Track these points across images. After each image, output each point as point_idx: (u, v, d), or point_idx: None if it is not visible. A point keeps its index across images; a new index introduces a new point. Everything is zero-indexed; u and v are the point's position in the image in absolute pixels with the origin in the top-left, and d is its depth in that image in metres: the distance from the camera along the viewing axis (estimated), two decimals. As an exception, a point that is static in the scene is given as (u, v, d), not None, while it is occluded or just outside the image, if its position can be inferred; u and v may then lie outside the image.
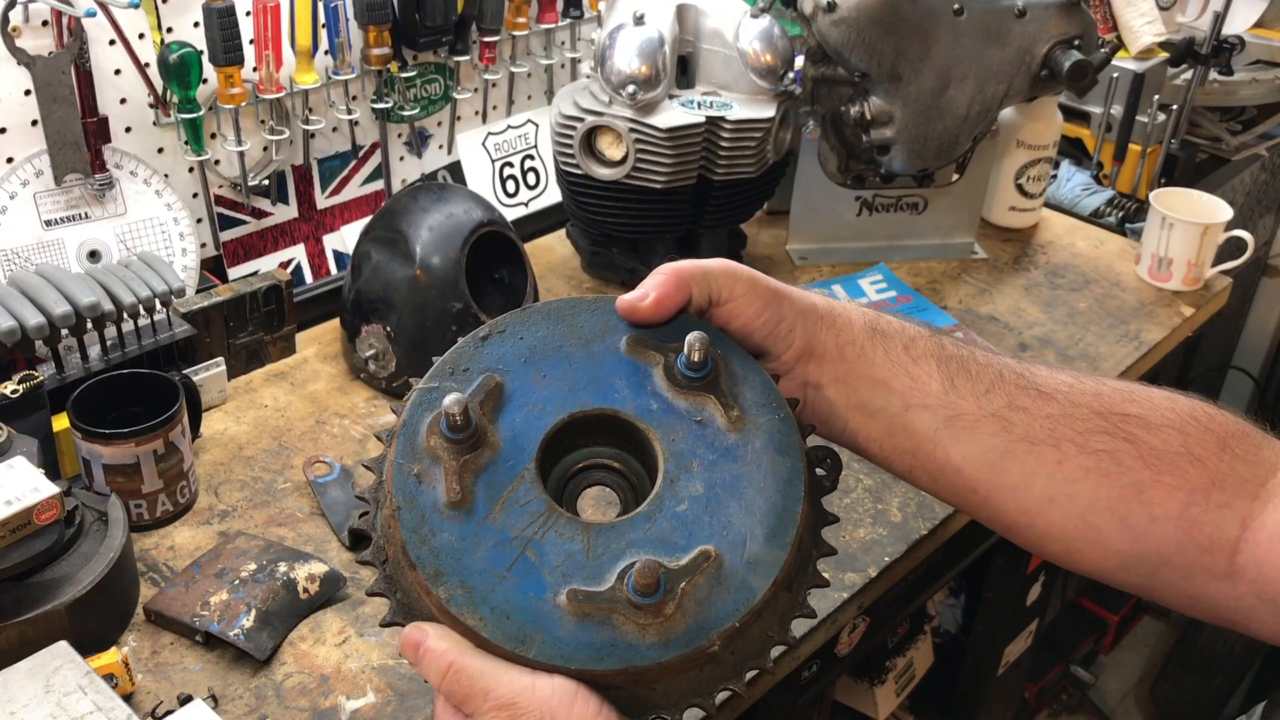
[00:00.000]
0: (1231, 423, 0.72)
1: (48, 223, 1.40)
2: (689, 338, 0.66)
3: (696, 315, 0.71)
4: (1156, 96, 2.05)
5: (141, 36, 1.42)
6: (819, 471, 0.72)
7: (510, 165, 1.87)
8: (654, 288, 0.69)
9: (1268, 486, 0.69)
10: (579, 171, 1.52)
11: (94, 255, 1.43)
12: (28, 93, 1.34)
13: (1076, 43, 1.57)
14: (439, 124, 1.80)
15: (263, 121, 1.56)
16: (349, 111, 1.62)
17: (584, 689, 0.58)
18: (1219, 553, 0.68)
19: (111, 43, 1.39)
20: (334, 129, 1.66)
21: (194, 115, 1.44)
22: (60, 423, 1.18)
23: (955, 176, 1.75)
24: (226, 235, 1.60)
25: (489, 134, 1.85)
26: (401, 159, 1.78)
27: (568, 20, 1.85)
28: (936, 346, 0.75)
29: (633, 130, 1.46)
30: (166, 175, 1.48)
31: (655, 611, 0.60)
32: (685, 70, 1.54)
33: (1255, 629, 0.70)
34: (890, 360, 0.74)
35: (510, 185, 1.87)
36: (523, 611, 0.60)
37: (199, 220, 1.55)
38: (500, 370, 0.67)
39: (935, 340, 0.75)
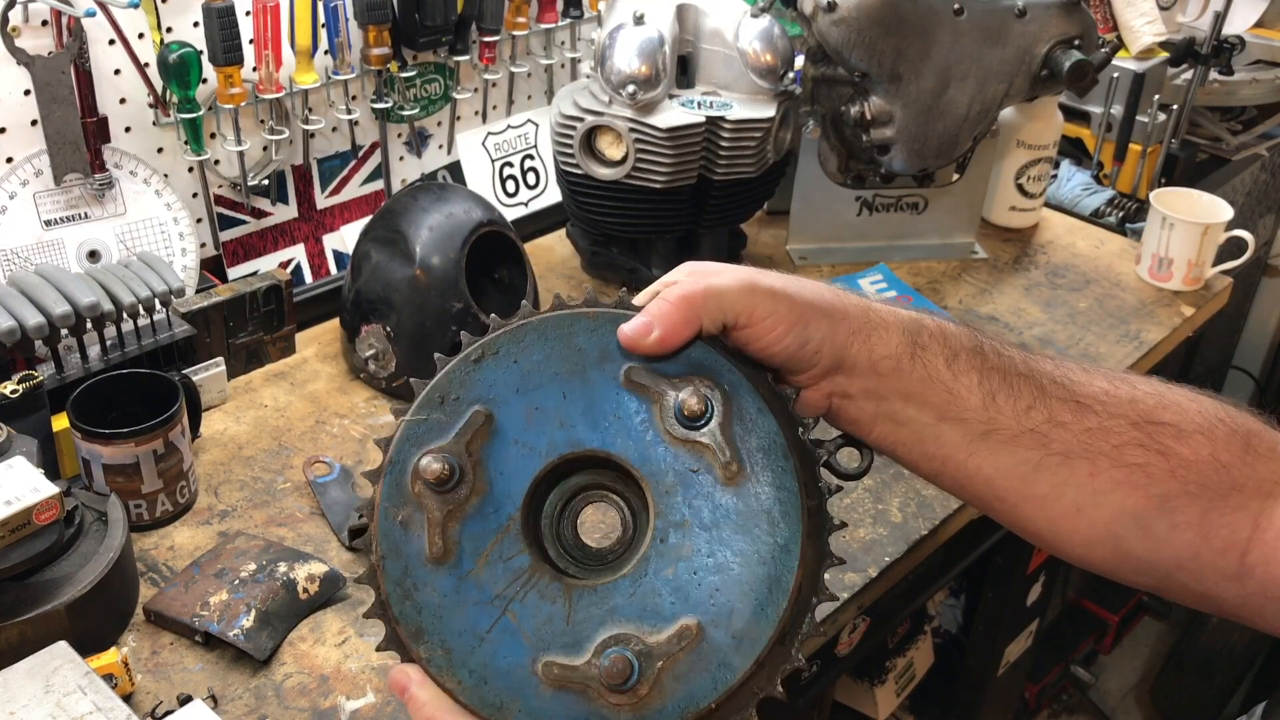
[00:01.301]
0: (1251, 421, 0.71)
1: (47, 223, 1.40)
2: (681, 395, 0.62)
3: (709, 339, 0.66)
4: (1157, 96, 2.04)
5: (141, 36, 1.42)
6: (849, 465, 0.70)
7: (510, 165, 1.87)
8: (659, 319, 0.64)
9: None
10: (579, 171, 1.52)
11: (94, 255, 1.43)
12: (27, 93, 1.34)
13: (1076, 43, 1.57)
14: (439, 124, 1.80)
15: (262, 121, 1.56)
16: (349, 111, 1.62)
17: None
18: (1231, 554, 0.68)
19: (111, 43, 1.39)
20: (334, 129, 1.66)
21: (194, 115, 1.44)
22: (60, 423, 1.18)
23: (955, 176, 1.75)
24: (226, 235, 1.60)
25: (489, 134, 1.85)
26: (401, 159, 1.78)
27: (568, 20, 1.85)
28: (979, 360, 0.72)
29: (633, 130, 1.46)
30: (166, 175, 1.48)
31: (630, 694, 0.59)
32: (685, 70, 1.54)
33: (1260, 625, 0.70)
34: (929, 375, 0.71)
35: (510, 185, 1.87)
36: (501, 677, 0.60)
37: (199, 220, 1.55)
38: (490, 401, 0.63)
39: (978, 353, 0.72)
